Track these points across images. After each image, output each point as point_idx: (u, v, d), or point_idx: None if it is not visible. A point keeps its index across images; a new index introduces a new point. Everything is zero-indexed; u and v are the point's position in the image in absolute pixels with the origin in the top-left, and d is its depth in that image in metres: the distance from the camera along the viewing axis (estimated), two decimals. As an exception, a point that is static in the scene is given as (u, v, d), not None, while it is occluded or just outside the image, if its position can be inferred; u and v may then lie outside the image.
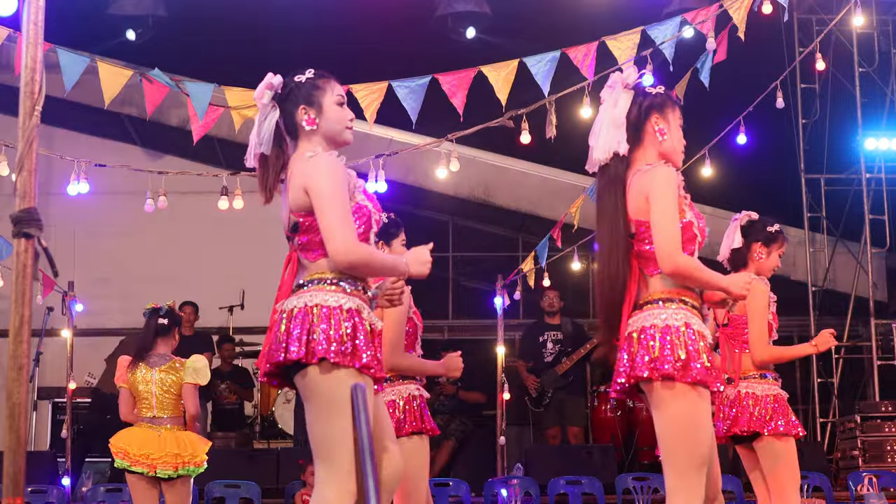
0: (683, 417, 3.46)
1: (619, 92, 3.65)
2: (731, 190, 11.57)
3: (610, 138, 3.61)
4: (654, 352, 3.45)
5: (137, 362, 6.09)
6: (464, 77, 6.47)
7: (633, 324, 3.54)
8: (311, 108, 3.47)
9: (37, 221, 2.59)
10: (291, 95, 3.48)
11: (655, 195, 3.50)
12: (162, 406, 6.03)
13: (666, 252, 3.46)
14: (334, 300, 3.32)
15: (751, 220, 5.13)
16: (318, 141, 3.47)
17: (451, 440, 10.24)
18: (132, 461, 5.90)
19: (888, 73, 11.28)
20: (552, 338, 10.16)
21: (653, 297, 3.54)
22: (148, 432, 5.99)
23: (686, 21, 6.77)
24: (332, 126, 3.50)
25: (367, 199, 3.49)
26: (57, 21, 3.43)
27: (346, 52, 10.43)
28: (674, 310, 3.50)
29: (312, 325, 3.28)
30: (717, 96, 8.77)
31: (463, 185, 11.62)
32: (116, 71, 6.45)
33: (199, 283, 11.36)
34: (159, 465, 5.89)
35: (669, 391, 3.45)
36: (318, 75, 3.53)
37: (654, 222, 3.49)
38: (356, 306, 3.34)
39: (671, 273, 3.48)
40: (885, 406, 9.67)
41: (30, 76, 2.63)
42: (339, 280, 3.35)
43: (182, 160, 11.55)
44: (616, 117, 3.61)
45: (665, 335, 3.46)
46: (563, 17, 10.20)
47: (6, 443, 2.53)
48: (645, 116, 3.65)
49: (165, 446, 5.94)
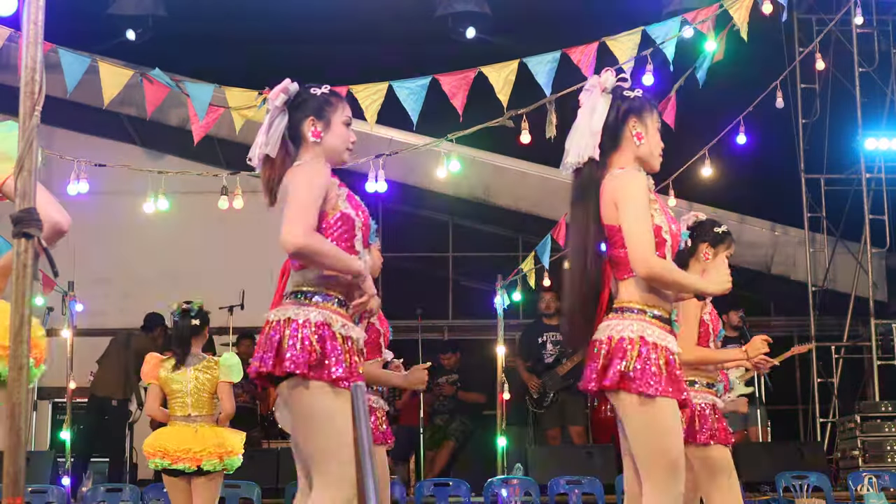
0: (642, 428, 3.50)
1: (598, 96, 3.65)
2: (731, 190, 11.58)
3: (584, 143, 3.62)
4: (604, 363, 3.50)
5: (179, 365, 6.11)
6: (464, 78, 6.47)
7: (598, 332, 3.59)
8: (320, 121, 3.54)
9: (37, 221, 2.59)
10: (303, 105, 3.55)
11: (624, 201, 3.52)
12: (197, 405, 6.06)
13: (639, 256, 3.47)
14: (303, 314, 3.38)
15: (698, 221, 5.06)
16: (318, 154, 3.53)
17: (451, 440, 10.24)
18: (173, 459, 5.90)
19: (888, 73, 11.28)
20: (551, 339, 10.14)
21: (620, 303, 3.58)
22: (184, 429, 6.01)
23: (686, 21, 6.77)
24: (336, 143, 3.57)
25: (351, 207, 3.50)
26: (57, 21, 3.43)
27: (347, 53, 10.44)
28: (630, 321, 3.53)
29: (282, 338, 3.36)
30: (717, 96, 8.78)
31: (463, 185, 11.61)
32: (117, 71, 6.46)
33: (199, 283, 11.34)
34: (204, 457, 5.92)
35: (623, 403, 3.50)
36: (332, 92, 3.61)
37: (626, 228, 3.50)
38: (324, 319, 3.39)
39: (646, 276, 3.50)
40: (885, 406, 9.67)
41: (30, 76, 2.63)
42: (314, 294, 3.43)
43: (182, 160, 11.54)
44: (593, 123, 3.62)
45: (616, 348, 3.49)
46: (563, 17, 10.21)
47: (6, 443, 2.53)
48: (623, 121, 3.65)
49: (206, 440, 5.97)
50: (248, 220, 8.19)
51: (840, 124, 11.24)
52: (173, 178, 8.13)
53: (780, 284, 12.00)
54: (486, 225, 12.84)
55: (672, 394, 3.49)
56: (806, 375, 11.37)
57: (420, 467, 9.98)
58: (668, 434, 3.51)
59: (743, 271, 11.62)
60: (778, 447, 9.67)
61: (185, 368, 6.10)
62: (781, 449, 9.51)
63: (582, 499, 8.20)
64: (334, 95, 3.61)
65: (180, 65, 9.15)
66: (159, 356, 6.29)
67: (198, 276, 11.58)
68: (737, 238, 12.83)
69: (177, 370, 6.10)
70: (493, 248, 12.76)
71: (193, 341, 6.20)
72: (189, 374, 6.09)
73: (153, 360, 6.22)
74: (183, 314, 6.21)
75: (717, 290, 3.68)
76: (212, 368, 6.14)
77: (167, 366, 6.14)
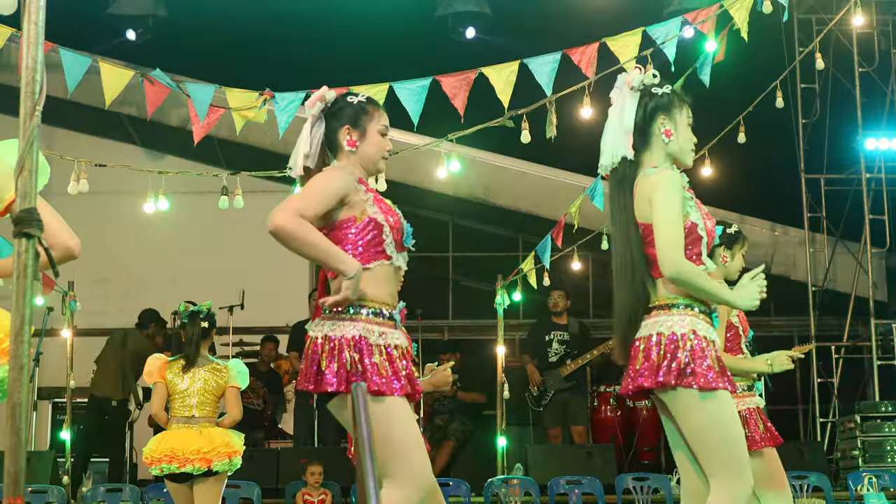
0: (706, 423, 3.45)
1: (626, 95, 3.63)
2: (731, 190, 11.57)
3: (617, 143, 3.61)
4: (659, 360, 3.45)
5: (188, 367, 6.10)
6: (464, 78, 6.47)
7: (641, 330, 3.55)
8: (356, 130, 3.53)
9: (37, 221, 2.59)
10: (339, 113, 3.54)
11: (657, 200, 3.49)
12: (201, 406, 6.05)
13: (668, 257, 3.44)
14: (339, 330, 3.36)
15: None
16: (354, 162, 3.53)
17: (451, 440, 10.24)
18: (182, 462, 5.86)
19: (888, 73, 11.28)
20: (558, 338, 10.14)
21: (664, 300, 3.53)
22: (187, 431, 5.98)
23: (686, 21, 6.76)
24: (371, 152, 3.55)
25: (381, 211, 3.48)
26: (57, 21, 3.43)
27: (347, 53, 10.44)
28: (679, 316, 3.49)
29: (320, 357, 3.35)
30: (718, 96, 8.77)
31: (463, 185, 11.62)
32: (118, 71, 6.45)
33: (199, 283, 11.35)
34: (214, 457, 5.90)
35: (682, 399, 3.45)
36: (368, 101, 3.60)
37: (656, 227, 3.48)
38: (359, 333, 3.36)
39: (671, 278, 3.47)
40: (885, 406, 9.67)
41: (30, 76, 2.62)
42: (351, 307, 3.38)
43: (182, 160, 11.55)
44: (624, 122, 3.60)
45: (670, 343, 3.45)
46: (564, 18, 10.21)
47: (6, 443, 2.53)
48: (651, 119, 3.63)
49: (214, 440, 5.95)
50: (248, 220, 8.17)
51: (840, 124, 11.25)
52: (173, 178, 8.13)
53: (780, 284, 11.99)
54: (486, 225, 12.85)
55: (729, 386, 3.47)
56: (806, 375, 11.37)
57: (420, 467, 9.96)
58: (733, 425, 3.49)
59: (743, 271, 11.60)
60: (778, 447, 9.65)
61: (193, 370, 6.10)
62: (781, 449, 9.48)
63: (582, 499, 8.20)
64: (371, 104, 3.59)
65: (180, 65, 9.15)
66: (164, 357, 6.28)
67: (198, 276, 11.59)
68: (737, 238, 12.66)
69: (185, 372, 6.09)
70: (493, 248, 12.77)
71: (202, 344, 6.21)
72: (196, 375, 6.09)
73: (159, 361, 6.21)
74: (192, 317, 6.21)
75: (745, 305, 3.63)
76: (221, 372, 6.15)
77: (174, 367, 6.13)
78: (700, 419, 3.45)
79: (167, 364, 6.16)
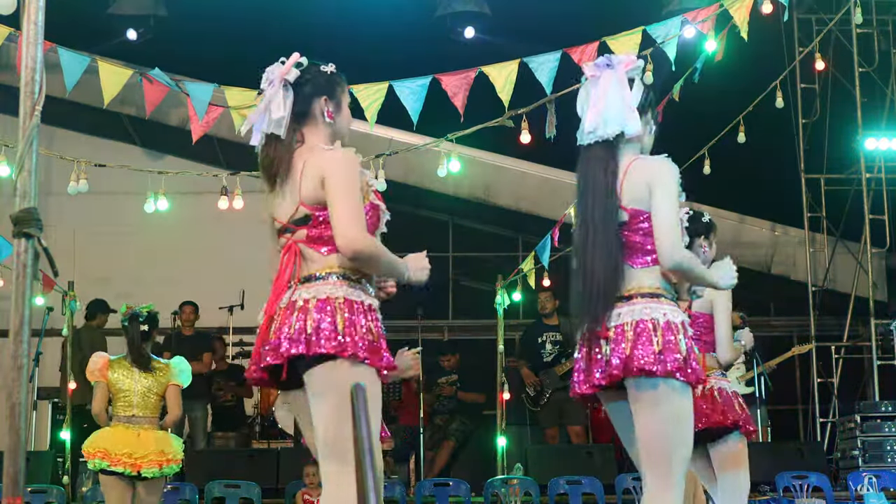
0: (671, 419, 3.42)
1: (622, 76, 3.59)
2: (731, 190, 11.57)
3: (620, 116, 3.55)
4: (657, 346, 3.37)
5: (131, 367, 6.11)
6: (465, 77, 6.47)
7: (625, 314, 3.45)
8: (332, 101, 3.38)
9: (37, 221, 2.59)
10: (313, 82, 3.37)
11: (659, 190, 3.45)
12: (142, 406, 6.06)
13: (669, 249, 3.41)
14: (356, 295, 3.19)
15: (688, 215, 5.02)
16: (327, 136, 3.36)
17: (451, 440, 10.24)
18: (112, 461, 5.89)
19: (888, 73, 11.28)
20: (551, 339, 10.15)
21: (647, 289, 3.47)
22: (126, 432, 6.00)
23: (686, 21, 6.77)
24: (345, 125, 3.42)
25: (377, 198, 3.37)
26: (57, 21, 3.43)
27: (347, 53, 10.41)
28: (670, 308, 3.46)
29: (335, 318, 3.13)
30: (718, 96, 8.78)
31: (463, 185, 11.62)
32: (116, 70, 6.45)
33: (199, 283, 11.35)
34: (144, 464, 5.92)
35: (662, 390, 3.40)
36: (339, 71, 3.46)
37: (658, 218, 3.43)
38: (376, 305, 3.26)
39: (674, 268, 3.44)
40: (885, 406, 9.67)
41: (30, 76, 2.63)
42: (360, 277, 3.24)
43: (182, 160, 11.54)
44: (626, 97, 3.56)
45: (667, 331, 3.40)
46: (564, 17, 10.20)
47: (6, 443, 2.53)
48: (648, 107, 3.68)
49: (148, 445, 5.96)
50: (248, 220, 8.17)
51: (840, 124, 11.24)
52: (173, 178, 8.12)
53: (780, 284, 12.00)
54: (486, 225, 12.84)
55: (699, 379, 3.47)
56: (806, 375, 11.37)
57: (420, 467, 9.98)
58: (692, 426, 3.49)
59: (743, 271, 11.59)
60: (778, 447, 9.67)
61: (135, 369, 6.11)
62: (781, 449, 9.51)
63: (582, 499, 8.20)
64: (340, 75, 3.45)
65: (180, 65, 9.14)
66: (106, 356, 6.28)
67: (198, 276, 11.59)
68: (737, 238, 12.85)
69: (127, 371, 6.10)
70: (493, 248, 12.76)
71: (144, 345, 6.21)
72: (137, 374, 6.09)
73: (101, 360, 6.20)
74: (132, 319, 6.21)
75: (727, 283, 3.70)
76: (163, 371, 6.17)
77: (116, 366, 6.13)
78: (670, 412, 3.41)
79: (109, 363, 6.16)
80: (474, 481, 8.48)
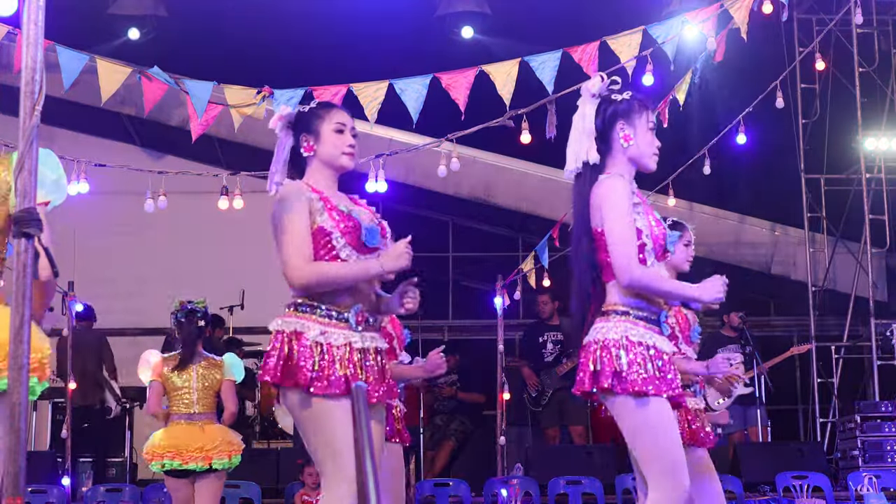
0: (637, 428, 3.50)
1: (586, 101, 3.69)
2: (731, 190, 11.58)
3: (580, 147, 3.66)
4: (594, 366, 3.52)
5: (185, 364, 6.13)
6: (465, 76, 6.47)
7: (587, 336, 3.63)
8: (310, 135, 3.58)
9: (37, 221, 2.59)
10: (298, 124, 3.62)
11: (605, 209, 3.56)
12: (201, 403, 6.10)
13: (621, 266, 3.51)
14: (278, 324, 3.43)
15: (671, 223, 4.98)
16: (318, 167, 3.57)
17: (451, 440, 10.24)
18: (184, 458, 5.91)
19: (888, 73, 11.27)
20: (552, 338, 10.15)
21: (606, 307, 3.60)
22: (191, 428, 6.03)
23: (687, 21, 6.76)
24: (329, 151, 3.57)
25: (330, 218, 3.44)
26: (57, 21, 3.42)
27: (347, 52, 10.43)
28: (614, 323, 3.55)
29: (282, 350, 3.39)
30: (717, 96, 8.79)
31: (463, 185, 11.61)
32: (115, 68, 6.43)
33: (199, 283, 11.33)
34: (215, 455, 5.95)
35: (615, 404, 3.52)
36: (320, 105, 3.67)
37: (608, 237, 3.54)
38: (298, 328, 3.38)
39: (627, 286, 3.53)
40: (885, 406, 9.66)
41: (30, 76, 2.62)
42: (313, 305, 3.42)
43: (182, 160, 11.52)
44: (585, 127, 3.65)
45: (604, 350, 3.51)
46: (564, 17, 10.20)
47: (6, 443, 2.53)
48: (610, 124, 3.68)
49: (215, 437, 6.01)
50: (248, 220, 8.17)
51: (840, 124, 11.24)
52: (173, 178, 8.12)
53: (780, 284, 12.00)
54: (486, 225, 12.84)
55: (663, 392, 3.49)
56: (806, 375, 11.37)
57: (420, 467, 9.98)
58: (665, 433, 3.50)
59: (743, 271, 11.62)
60: (778, 447, 9.67)
61: (190, 366, 6.13)
62: (781, 449, 9.51)
63: (582, 499, 8.20)
64: (322, 107, 3.65)
65: (181, 65, 9.12)
66: (159, 354, 6.31)
67: (198, 276, 11.57)
68: (737, 238, 12.84)
69: (182, 368, 6.11)
70: (493, 248, 12.76)
71: (199, 342, 6.25)
72: (195, 371, 6.11)
73: (155, 359, 6.23)
74: (189, 315, 6.22)
75: (711, 299, 3.68)
76: (217, 367, 6.19)
77: (171, 364, 6.15)
78: (633, 424, 3.51)
79: (164, 360, 6.19)
80: (474, 481, 8.48)
